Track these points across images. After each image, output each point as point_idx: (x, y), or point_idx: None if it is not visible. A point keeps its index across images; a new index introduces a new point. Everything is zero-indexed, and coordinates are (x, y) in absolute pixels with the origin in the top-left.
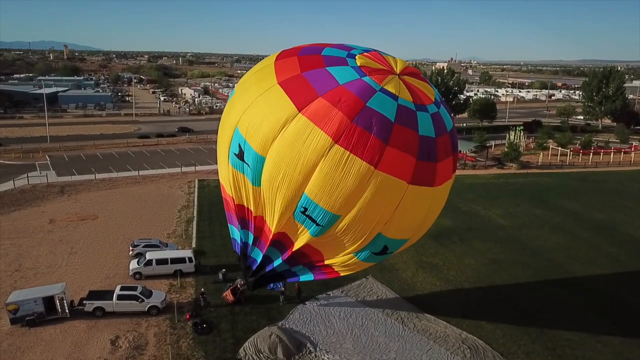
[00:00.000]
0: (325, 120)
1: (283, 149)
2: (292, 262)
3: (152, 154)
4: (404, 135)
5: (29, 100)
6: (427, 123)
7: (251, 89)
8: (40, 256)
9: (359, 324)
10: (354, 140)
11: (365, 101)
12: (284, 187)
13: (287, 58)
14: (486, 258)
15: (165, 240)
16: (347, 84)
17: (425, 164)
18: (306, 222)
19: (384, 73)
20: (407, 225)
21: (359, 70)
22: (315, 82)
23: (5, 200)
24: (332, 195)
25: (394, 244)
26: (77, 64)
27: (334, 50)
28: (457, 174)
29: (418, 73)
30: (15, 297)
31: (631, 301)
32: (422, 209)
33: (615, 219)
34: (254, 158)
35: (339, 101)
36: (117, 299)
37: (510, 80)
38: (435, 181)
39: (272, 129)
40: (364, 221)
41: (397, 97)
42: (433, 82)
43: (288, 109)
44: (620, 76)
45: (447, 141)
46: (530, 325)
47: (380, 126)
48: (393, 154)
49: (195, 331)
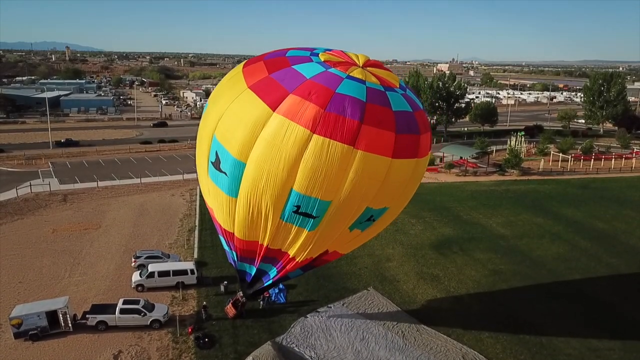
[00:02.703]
0: (300, 114)
1: (264, 150)
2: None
3: (154, 160)
4: (378, 112)
5: (31, 104)
6: (399, 100)
7: (223, 97)
8: (43, 267)
9: (359, 338)
10: (330, 126)
11: (334, 89)
12: (270, 187)
13: (254, 64)
14: (487, 269)
15: (167, 250)
16: (314, 77)
17: (407, 137)
18: (301, 221)
19: (347, 65)
20: (389, 194)
21: (323, 64)
22: (284, 81)
23: (8, 209)
24: (321, 183)
25: (377, 212)
26: (79, 66)
27: (298, 51)
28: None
29: (380, 64)
30: (19, 312)
31: (630, 314)
32: (403, 179)
33: (616, 228)
34: (232, 164)
35: (309, 94)
36: (119, 312)
37: (511, 81)
38: (418, 153)
39: (249, 132)
40: (354, 200)
41: (365, 81)
42: (434, 87)
43: (262, 110)
44: (622, 80)
45: (424, 116)
46: (530, 339)
47: (353, 107)
48: (370, 131)
49: (197, 345)
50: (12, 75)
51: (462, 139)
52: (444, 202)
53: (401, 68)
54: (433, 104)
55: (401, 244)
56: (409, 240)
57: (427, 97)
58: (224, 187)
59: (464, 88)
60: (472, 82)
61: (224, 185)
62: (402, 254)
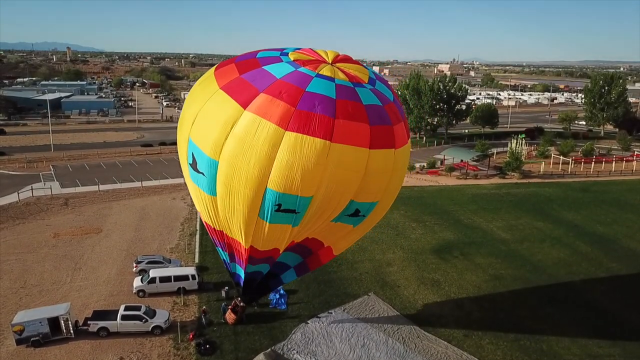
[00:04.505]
0: (271, 111)
1: (235, 146)
2: (279, 269)
3: (155, 163)
4: (349, 107)
5: (32, 106)
6: (368, 95)
7: (196, 100)
8: (44, 272)
9: (360, 344)
10: (302, 122)
11: (304, 87)
12: (242, 184)
13: (225, 66)
14: (487, 274)
15: (168, 255)
16: (285, 77)
17: (381, 128)
18: (285, 218)
19: (317, 63)
20: (373, 188)
21: (293, 64)
22: (255, 81)
23: (10, 213)
24: (298, 180)
25: (365, 207)
26: (80, 67)
27: (268, 52)
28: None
29: (350, 58)
30: (21, 318)
31: (631, 319)
32: (387, 170)
33: (616, 232)
34: (207, 164)
35: (280, 93)
36: (121, 319)
37: (512, 82)
38: (395, 143)
39: (221, 130)
40: (335, 194)
41: (334, 79)
42: (435, 89)
43: (233, 109)
44: (622, 82)
45: (394, 108)
46: (530, 346)
47: (323, 105)
48: (344, 124)
49: (198, 352)
50: (13, 76)
51: (462, 141)
52: (445, 206)
53: (402, 68)
54: (434, 106)
55: (402, 249)
56: (409, 245)
57: (427, 100)
58: (204, 187)
59: (465, 90)
60: (473, 82)
61: (204, 185)
62: (403, 258)
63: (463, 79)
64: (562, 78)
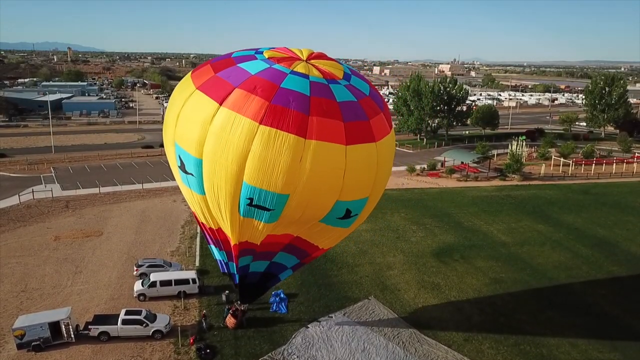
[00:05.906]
0: (246, 107)
1: (213, 143)
2: (264, 257)
3: (156, 165)
4: (323, 104)
5: (33, 107)
6: (342, 92)
7: (175, 103)
8: (45, 276)
9: (360, 349)
10: (276, 117)
11: (279, 84)
12: (222, 180)
13: (201, 68)
14: (488, 277)
15: (168, 258)
16: (259, 73)
17: (357, 124)
18: (257, 213)
19: (291, 60)
20: (360, 184)
21: (268, 61)
22: (230, 78)
23: (11, 215)
24: (272, 175)
25: (356, 206)
26: (81, 67)
27: (243, 52)
28: (459, 185)
29: (324, 55)
30: (22, 323)
31: (631, 324)
32: (371, 165)
33: (617, 235)
34: (194, 164)
35: (254, 88)
36: (121, 323)
37: (513, 82)
38: (374, 136)
39: (201, 129)
40: (316, 193)
41: (308, 76)
42: (435, 90)
43: (210, 106)
44: (623, 83)
45: (370, 102)
46: (531, 351)
47: (298, 101)
48: (318, 121)
49: (199, 356)
50: (14, 77)
51: (463, 142)
52: (445, 208)
53: (402, 68)
54: (434, 107)
55: (402, 252)
56: (409, 248)
57: (428, 101)
58: (195, 188)
59: (465, 91)
60: (474, 83)
61: (194, 185)
62: (403, 262)
63: (464, 80)
64: (562, 78)
